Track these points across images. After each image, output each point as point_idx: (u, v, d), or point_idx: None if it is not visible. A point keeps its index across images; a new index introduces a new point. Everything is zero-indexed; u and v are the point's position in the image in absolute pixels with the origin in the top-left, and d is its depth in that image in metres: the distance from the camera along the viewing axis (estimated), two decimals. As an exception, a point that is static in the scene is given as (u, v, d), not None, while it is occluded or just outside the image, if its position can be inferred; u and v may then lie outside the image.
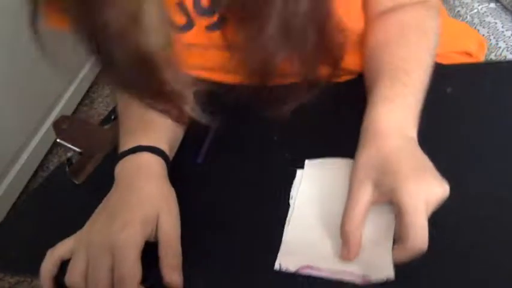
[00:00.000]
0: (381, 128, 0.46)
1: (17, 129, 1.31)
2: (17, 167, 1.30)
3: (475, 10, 1.17)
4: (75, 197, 0.53)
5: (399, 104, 0.48)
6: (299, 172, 0.51)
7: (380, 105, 0.48)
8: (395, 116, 0.47)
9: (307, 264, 0.44)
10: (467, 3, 1.20)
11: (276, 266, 0.44)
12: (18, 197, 1.33)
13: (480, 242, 0.41)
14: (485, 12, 1.15)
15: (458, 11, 1.21)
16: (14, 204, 1.31)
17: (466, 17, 1.18)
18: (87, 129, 0.59)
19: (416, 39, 0.54)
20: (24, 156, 1.34)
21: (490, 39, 1.06)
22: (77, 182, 0.53)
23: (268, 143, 0.54)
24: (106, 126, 0.61)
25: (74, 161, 0.55)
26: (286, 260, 0.44)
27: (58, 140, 0.55)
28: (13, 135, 1.29)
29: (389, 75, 0.51)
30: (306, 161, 0.51)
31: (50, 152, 1.49)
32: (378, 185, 0.43)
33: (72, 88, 1.61)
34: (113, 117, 0.61)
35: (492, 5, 1.17)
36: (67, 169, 0.54)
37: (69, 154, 0.56)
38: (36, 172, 1.42)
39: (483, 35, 1.08)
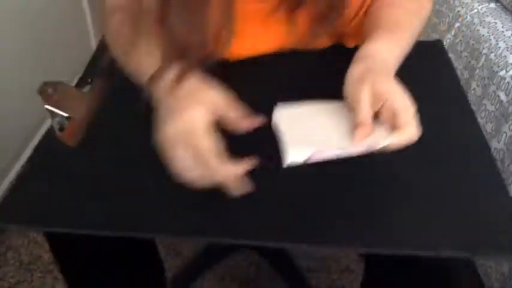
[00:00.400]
0: (371, 51, 0.55)
1: (17, 129, 1.31)
2: (17, 167, 1.30)
3: (475, 10, 1.17)
4: (74, 158, 0.54)
5: (391, 43, 0.56)
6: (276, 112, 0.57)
7: (371, 42, 0.56)
8: (385, 49, 0.56)
9: (316, 150, 0.49)
10: (467, 3, 1.20)
11: (285, 164, 0.50)
12: (18, 197, 1.33)
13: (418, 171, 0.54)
14: (485, 12, 1.15)
15: (458, 11, 1.21)
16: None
17: (466, 17, 1.18)
18: (70, 94, 0.60)
19: (412, 9, 0.63)
20: (24, 156, 1.34)
21: (490, 39, 1.06)
22: (71, 146, 0.55)
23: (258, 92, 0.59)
24: (85, 89, 0.62)
25: (59, 126, 0.56)
26: (294, 154, 0.50)
27: (46, 107, 0.55)
28: (13, 135, 1.29)
29: (384, 26, 0.59)
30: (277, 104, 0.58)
31: (50, 152, 1.50)
32: (373, 92, 0.50)
33: (72, 88, 1.61)
34: (89, 80, 0.63)
35: (492, 5, 1.17)
36: (58, 134, 0.55)
37: (56, 120, 0.56)
38: (36, 172, 1.42)
39: (483, 35, 1.08)
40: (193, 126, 0.48)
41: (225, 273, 1.18)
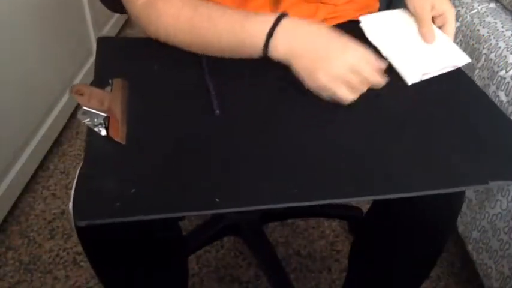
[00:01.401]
0: None
1: (17, 129, 1.31)
2: (17, 167, 1.30)
3: (475, 10, 1.17)
4: (125, 152, 0.56)
5: None
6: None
7: None
8: None
9: (424, 72, 0.67)
10: (467, 3, 1.20)
11: (411, 81, 0.67)
12: (18, 197, 1.33)
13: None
14: (485, 12, 1.15)
15: (459, 11, 1.21)
16: (14, 204, 1.31)
17: (466, 17, 1.18)
18: (98, 94, 0.60)
19: None
20: (24, 156, 1.34)
21: (490, 39, 1.06)
22: (122, 143, 0.56)
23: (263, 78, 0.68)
24: (107, 89, 0.63)
25: (103, 126, 0.57)
26: (411, 73, 0.67)
27: (84, 108, 0.56)
28: (13, 135, 1.29)
29: None
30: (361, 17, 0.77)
31: (50, 151, 1.50)
32: (433, 7, 0.71)
33: (72, 88, 1.61)
34: (110, 81, 0.63)
35: (492, 5, 1.17)
36: (106, 134, 0.56)
37: (85, 121, 0.57)
38: (36, 172, 1.42)
39: (483, 35, 1.08)
40: (359, 58, 0.61)
41: (225, 273, 1.18)
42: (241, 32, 0.65)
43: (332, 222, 1.32)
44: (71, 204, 0.61)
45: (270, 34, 0.63)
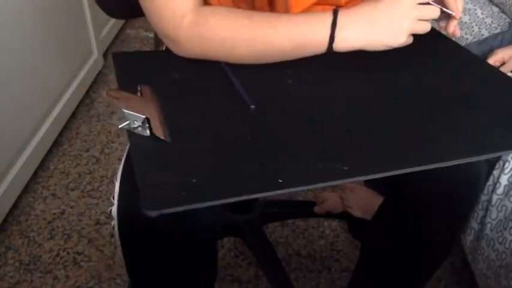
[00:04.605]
0: None
1: (17, 129, 1.31)
2: (17, 166, 1.30)
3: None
4: (169, 147, 0.57)
5: None
6: None
7: None
8: None
9: None
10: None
11: None
12: (18, 197, 1.33)
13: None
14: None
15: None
16: (14, 204, 1.31)
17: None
18: (132, 98, 0.61)
19: None
20: (24, 156, 1.34)
21: (473, 27, 1.07)
22: (166, 140, 0.57)
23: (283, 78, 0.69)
24: (137, 95, 0.63)
25: (145, 127, 0.58)
26: None
27: (125, 111, 0.57)
28: (13, 135, 1.29)
29: None
30: None
31: (50, 151, 1.50)
32: None
33: (72, 88, 1.61)
34: (139, 87, 0.64)
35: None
36: (149, 134, 0.57)
37: (123, 124, 0.57)
38: (36, 172, 1.42)
39: (465, 22, 1.08)
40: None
41: (225, 273, 1.18)
42: (306, 28, 0.66)
43: (332, 222, 1.32)
44: (114, 208, 0.62)
45: (334, 24, 0.66)
